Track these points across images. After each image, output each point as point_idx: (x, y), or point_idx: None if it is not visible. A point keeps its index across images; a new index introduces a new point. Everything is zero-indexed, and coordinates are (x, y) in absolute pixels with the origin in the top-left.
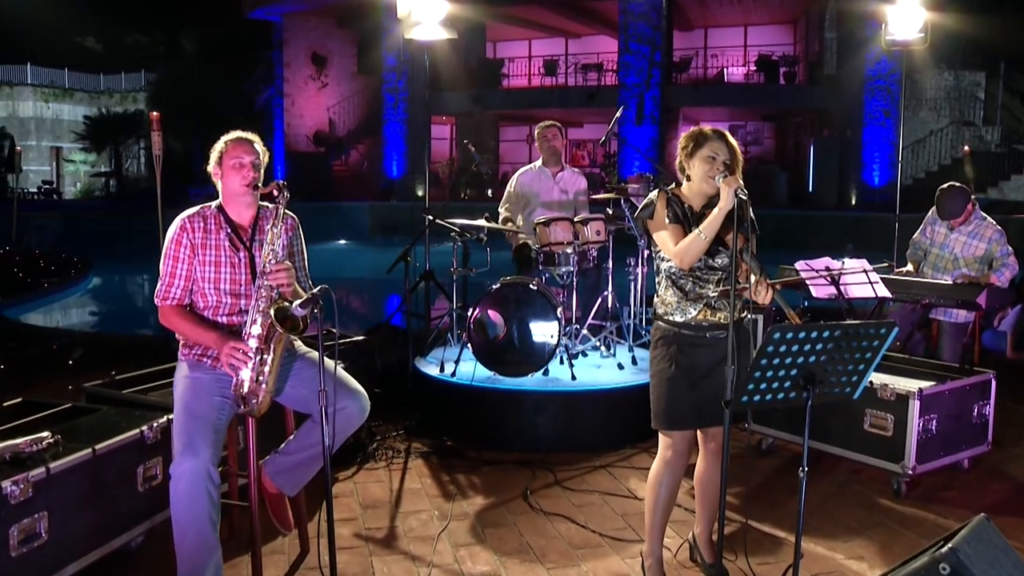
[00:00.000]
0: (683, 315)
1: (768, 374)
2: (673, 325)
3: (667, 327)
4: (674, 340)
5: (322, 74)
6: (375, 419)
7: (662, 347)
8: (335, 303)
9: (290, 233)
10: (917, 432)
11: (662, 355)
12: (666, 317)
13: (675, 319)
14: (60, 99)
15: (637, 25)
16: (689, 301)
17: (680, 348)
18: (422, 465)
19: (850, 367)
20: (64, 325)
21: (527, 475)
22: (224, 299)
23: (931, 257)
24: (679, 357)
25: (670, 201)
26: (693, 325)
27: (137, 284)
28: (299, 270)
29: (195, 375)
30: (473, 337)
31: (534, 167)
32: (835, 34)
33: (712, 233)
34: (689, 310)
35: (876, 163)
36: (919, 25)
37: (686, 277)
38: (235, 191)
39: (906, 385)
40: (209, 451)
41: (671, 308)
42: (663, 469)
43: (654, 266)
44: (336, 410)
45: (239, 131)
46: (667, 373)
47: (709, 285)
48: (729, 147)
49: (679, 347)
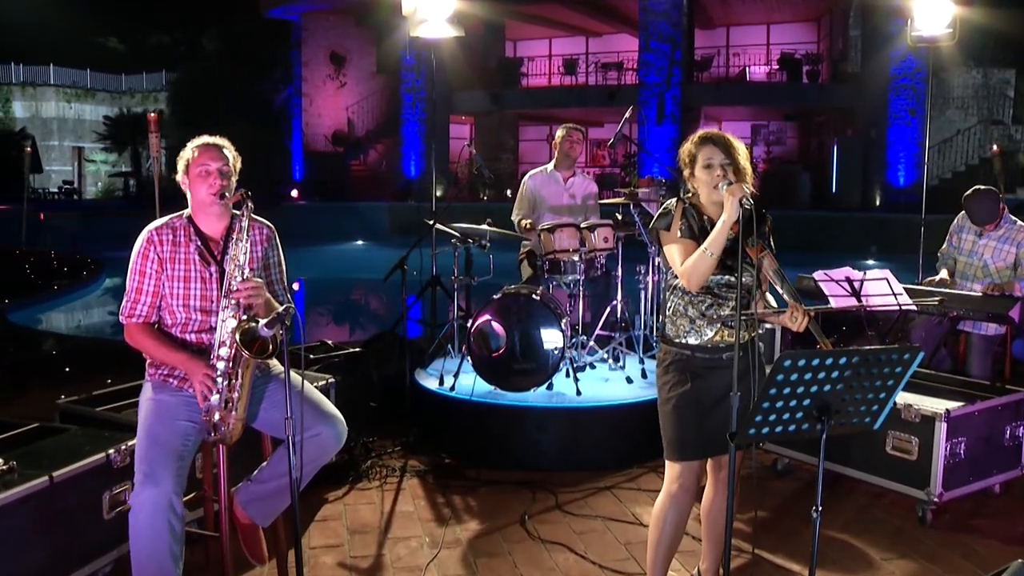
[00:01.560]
0: (698, 337)
1: (778, 404)
2: (686, 348)
3: (679, 351)
4: (687, 365)
5: (340, 73)
6: (371, 434)
7: (674, 372)
8: (302, 323)
9: (265, 244)
10: (944, 456)
11: (674, 381)
12: (677, 340)
13: (689, 341)
14: (82, 99)
15: (658, 23)
16: (706, 322)
17: (695, 373)
18: (417, 485)
19: (870, 395)
20: (69, 329)
21: (527, 497)
22: (193, 316)
23: (959, 266)
24: (694, 382)
25: (687, 212)
26: (709, 347)
27: None
28: (276, 283)
29: (159, 397)
30: (473, 350)
31: (545, 170)
32: (859, 31)
33: (718, 249)
34: (706, 331)
35: (901, 163)
36: (947, 20)
37: (703, 296)
38: (202, 201)
39: (932, 405)
40: (171, 480)
41: (684, 330)
42: (668, 504)
43: (664, 282)
44: (309, 436)
45: (207, 136)
46: (679, 400)
47: (728, 303)
48: (728, 150)
49: (693, 372)
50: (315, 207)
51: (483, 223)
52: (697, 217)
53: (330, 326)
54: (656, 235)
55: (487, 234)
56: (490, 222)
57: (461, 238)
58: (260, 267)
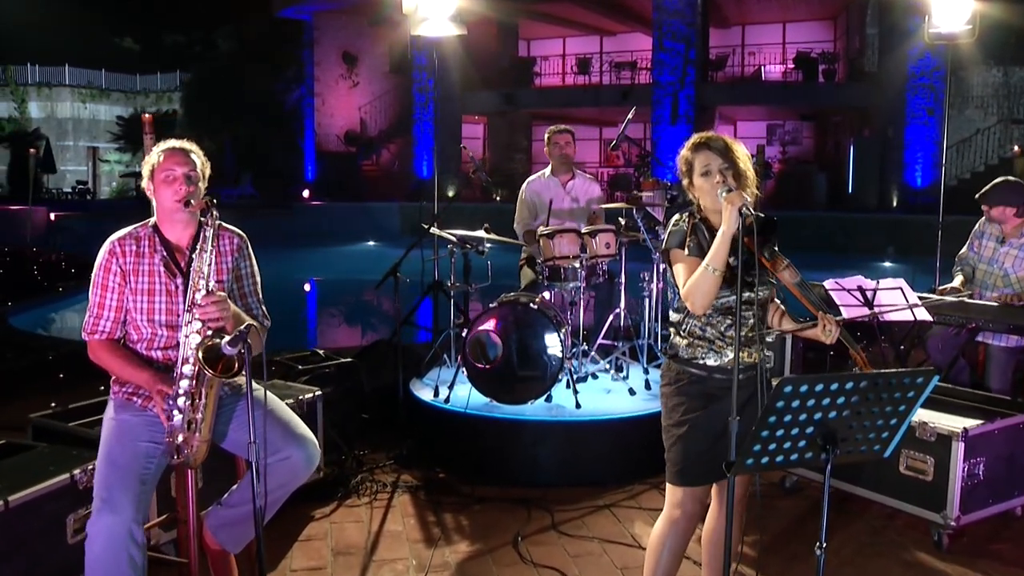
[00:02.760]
0: (719, 358)
1: (778, 433)
2: (703, 369)
3: (696, 372)
4: (704, 387)
5: (353, 73)
6: (364, 447)
7: (687, 395)
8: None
9: (235, 253)
10: (961, 478)
11: (687, 404)
12: (695, 360)
13: (708, 363)
14: (97, 99)
15: (672, 22)
16: (727, 343)
17: (712, 395)
18: (408, 502)
19: (879, 422)
20: (69, 333)
21: (521, 516)
22: (159, 331)
23: (979, 274)
24: (710, 406)
25: (696, 228)
26: (729, 369)
27: None
28: (249, 295)
29: (121, 417)
30: (468, 360)
31: (543, 175)
32: (877, 30)
33: (721, 264)
34: (727, 352)
35: (919, 163)
36: (966, 17)
37: (722, 316)
38: (168, 208)
39: (948, 423)
40: (131, 506)
41: (702, 351)
42: (668, 530)
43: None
44: (277, 460)
45: (174, 140)
46: (692, 424)
47: (750, 321)
48: (725, 153)
49: (710, 395)
50: (327, 207)
51: (488, 226)
52: (706, 233)
53: (333, 330)
54: (667, 254)
55: (483, 241)
56: (487, 227)
57: (458, 243)
58: (230, 278)
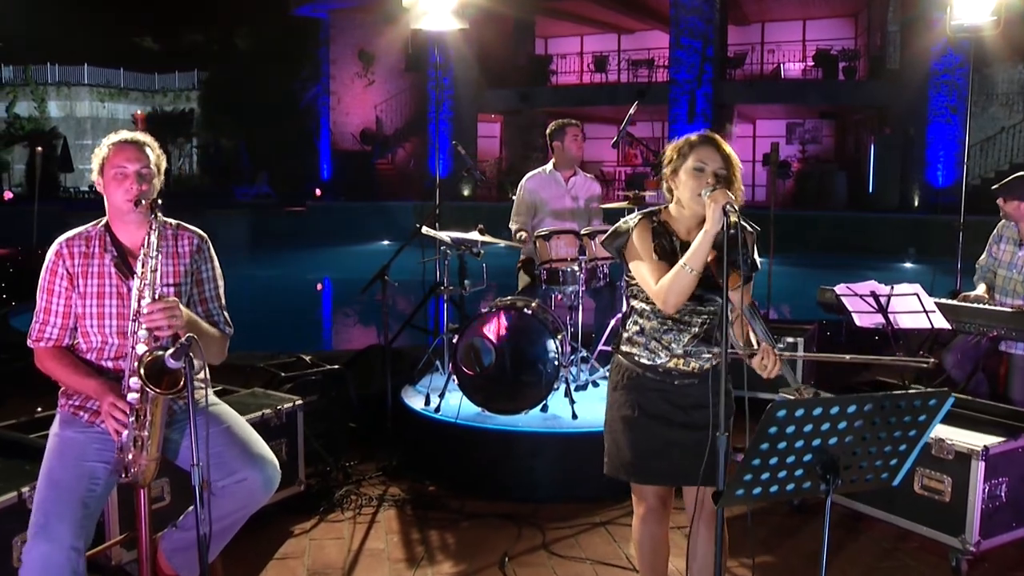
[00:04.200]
0: (651, 358)
1: (771, 461)
2: (637, 366)
3: (630, 367)
4: (638, 384)
5: (369, 71)
6: (351, 458)
7: (622, 391)
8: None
9: (194, 255)
10: (982, 499)
11: (622, 400)
12: (632, 355)
13: (641, 360)
14: (115, 98)
15: (689, 19)
16: (661, 347)
17: (643, 394)
18: (393, 517)
19: (887, 448)
20: None
21: (511, 534)
22: (110, 339)
23: (998, 280)
24: (643, 403)
25: (656, 231)
26: (660, 371)
27: None
28: (209, 300)
29: (65, 433)
30: (460, 368)
31: (544, 170)
32: (898, 26)
33: (699, 265)
34: (660, 355)
35: (941, 162)
36: (990, 8)
37: (664, 320)
38: (118, 207)
39: (967, 440)
40: (70, 532)
41: (638, 347)
42: (640, 528)
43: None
44: (233, 482)
45: (127, 132)
46: (629, 420)
47: (692, 331)
48: (723, 155)
49: (642, 392)
50: (341, 207)
51: (482, 227)
52: (668, 236)
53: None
54: (618, 252)
55: (477, 243)
56: (482, 228)
57: (453, 245)
58: (189, 282)
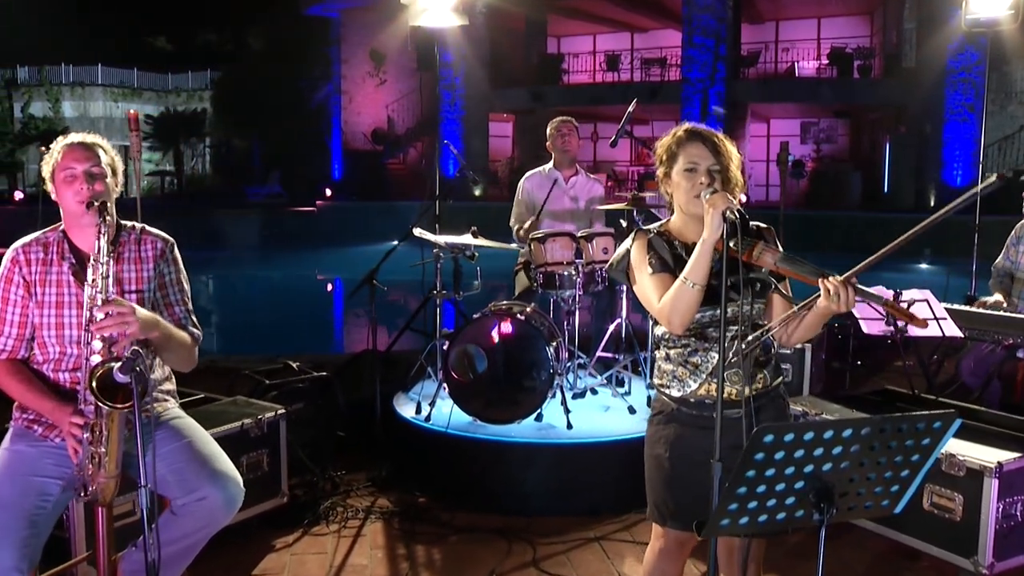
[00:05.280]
0: (681, 388)
1: (759, 489)
2: (670, 399)
3: (664, 400)
4: (671, 419)
5: (380, 71)
6: (340, 468)
7: (657, 426)
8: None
9: (158, 260)
10: (995, 519)
11: (655, 436)
12: (662, 387)
13: (672, 393)
14: (129, 98)
15: (701, 17)
16: (689, 371)
17: (676, 430)
18: (380, 531)
19: (887, 474)
20: None
21: (501, 549)
22: (68, 349)
23: (1017, 284)
24: (675, 441)
25: (653, 244)
26: (694, 402)
27: None
28: (175, 304)
29: (16, 448)
30: (451, 375)
31: (543, 170)
32: (914, 24)
33: (701, 278)
34: (689, 383)
35: (958, 162)
36: (1008, 1)
37: (686, 339)
38: (72, 211)
39: (980, 455)
40: (13, 554)
41: (667, 377)
42: (653, 562)
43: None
44: (193, 500)
45: (76, 134)
46: (660, 459)
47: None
48: (717, 152)
49: (675, 428)
50: (351, 207)
51: (475, 229)
52: (669, 246)
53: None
54: (623, 276)
55: (470, 247)
56: (475, 231)
57: (447, 248)
58: (152, 287)
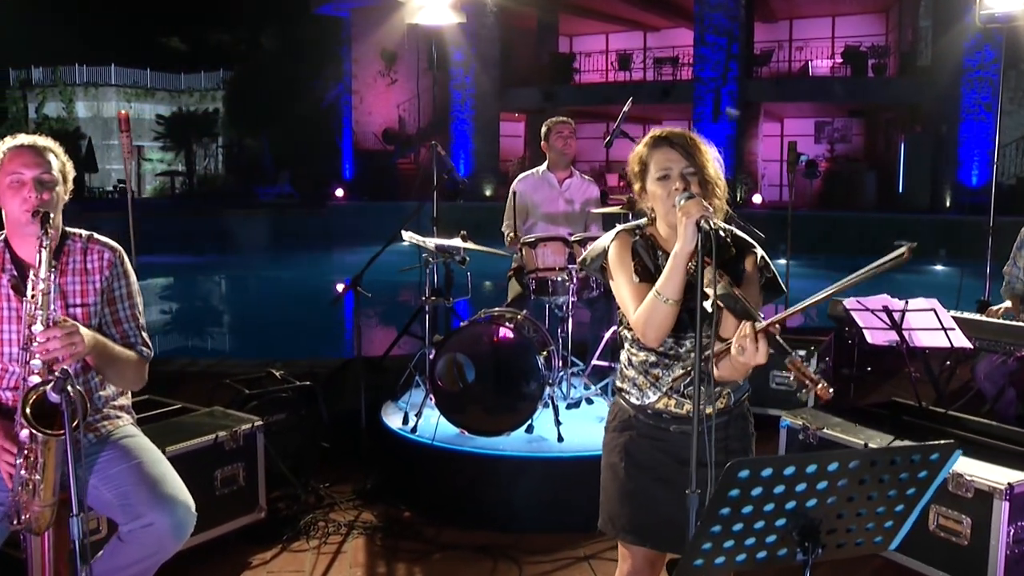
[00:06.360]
0: (640, 396)
1: (735, 527)
2: (629, 405)
3: (623, 406)
4: (628, 426)
5: (391, 70)
6: (325, 480)
7: (613, 432)
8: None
9: (106, 272)
10: (1006, 544)
11: (612, 444)
12: (623, 392)
13: (631, 399)
14: (142, 99)
15: (714, 16)
16: (649, 382)
17: (633, 439)
18: (361, 547)
19: (880, 510)
20: None
21: (486, 568)
22: (9, 367)
23: None
24: (632, 449)
25: (637, 250)
26: (651, 413)
27: (171, 291)
28: (124, 321)
29: None
30: (437, 385)
31: (537, 172)
32: (930, 22)
33: (675, 292)
34: (648, 394)
35: (975, 161)
36: None
37: (648, 349)
38: (16, 219)
39: (990, 475)
40: None
41: (628, 383)
42: None
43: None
44: (139, 527)
45: (24, 135)
46: (616, 468)
47: (681, 363)
48: (691, 153)
49: (632, 436)
50: (361, 207)
51: (465, 233)
52: (652, 252)
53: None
54: (602, 273)
55: (460, 251)
56: (464, 235)
57: (437, 252)
58: (100, 301)
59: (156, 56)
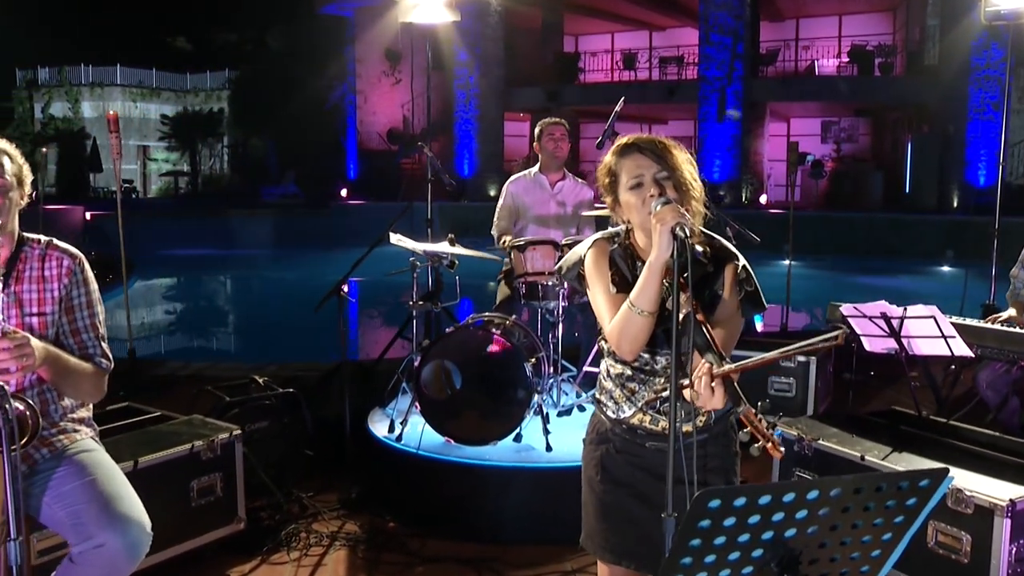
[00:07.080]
0: (616, 410)
1: (707, 559)
2: (606, 418)
3: (600, 418)
4: (604, 439)
5: (396, 70)
6: (309, 490)
7: (591, 445)
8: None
9: (65, 280)
10: (1007, 563)
11: (589, 457)
12: (601, 404)
13: (607, 411)
14: (147, 99)
15: (718, 15)
16: (624, 395)
17: (609, 453)
18: (343, 559)
19: (865, 539)
20: None
21: None
22: None
23: None
24: (608, 464)
25: (615, 259)
26: (626, 427)
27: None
28: (83, 331)
29: None
30: (422, 392)
31: (529, 174)
32: (938, 20)
33: (649, 304)
34: (624, 407)
35: (982, 161)
36: None
37: (625, 362)
38: None
39: (990, 490)
40: None
41: (605, 395)
42: None
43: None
44: (90, 548)
45: None
46: (592, 482)
47: (658, 379)
48: (663, 158)
49: (608, 450)
50: (365, 207)
51: (452, 236)
52: (630, 261)
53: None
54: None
55: (447, 256)
56: (452, 238)
57: (426, 257)
58: (58, 310)
59: (161, 56)
